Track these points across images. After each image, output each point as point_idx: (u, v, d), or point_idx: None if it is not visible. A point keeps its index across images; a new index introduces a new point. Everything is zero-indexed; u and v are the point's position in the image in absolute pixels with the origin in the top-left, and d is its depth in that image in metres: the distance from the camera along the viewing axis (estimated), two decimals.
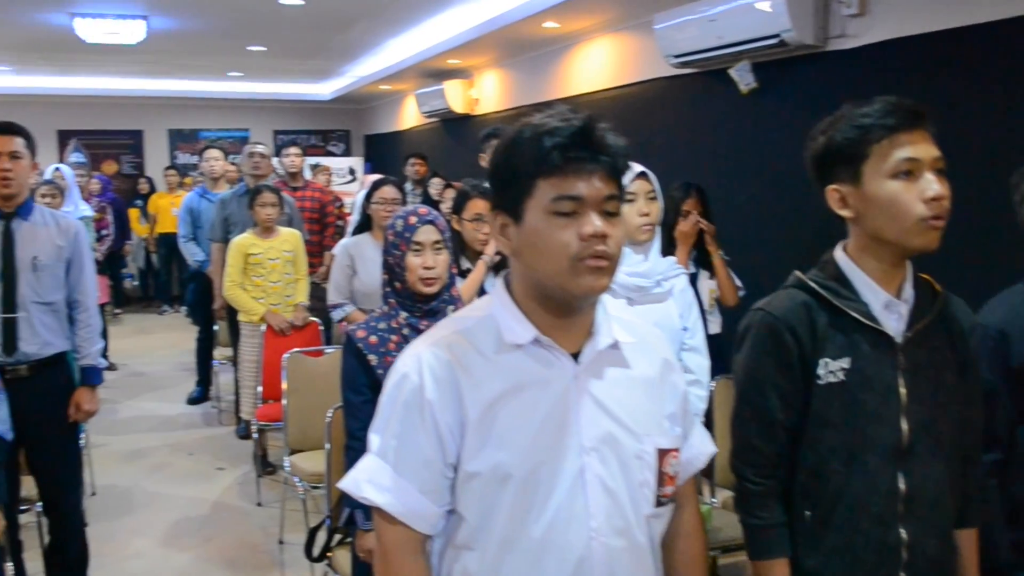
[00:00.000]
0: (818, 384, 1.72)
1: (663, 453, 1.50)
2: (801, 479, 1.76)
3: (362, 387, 2.65)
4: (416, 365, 1.45)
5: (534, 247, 1.40)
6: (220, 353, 6.85)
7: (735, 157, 5.33)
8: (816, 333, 1.73)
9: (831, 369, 1.71)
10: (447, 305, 2.73)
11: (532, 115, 1.42)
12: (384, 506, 1.45)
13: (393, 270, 2.70)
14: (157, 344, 9.65)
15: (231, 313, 5.79)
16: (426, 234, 2.69)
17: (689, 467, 1.61)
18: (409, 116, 11.65)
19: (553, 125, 1.37)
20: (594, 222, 1.36)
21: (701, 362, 2.98)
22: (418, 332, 2.65)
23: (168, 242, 10.87)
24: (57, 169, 7.00)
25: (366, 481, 1.47)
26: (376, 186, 4.68)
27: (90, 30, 7.44)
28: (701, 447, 1.64)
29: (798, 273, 1.84)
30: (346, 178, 12.01)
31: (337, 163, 12.03)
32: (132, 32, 7.57)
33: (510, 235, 1.44)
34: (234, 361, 6.02)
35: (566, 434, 1.43)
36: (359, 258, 4.55)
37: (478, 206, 3.85)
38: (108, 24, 7.33)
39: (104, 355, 8.44)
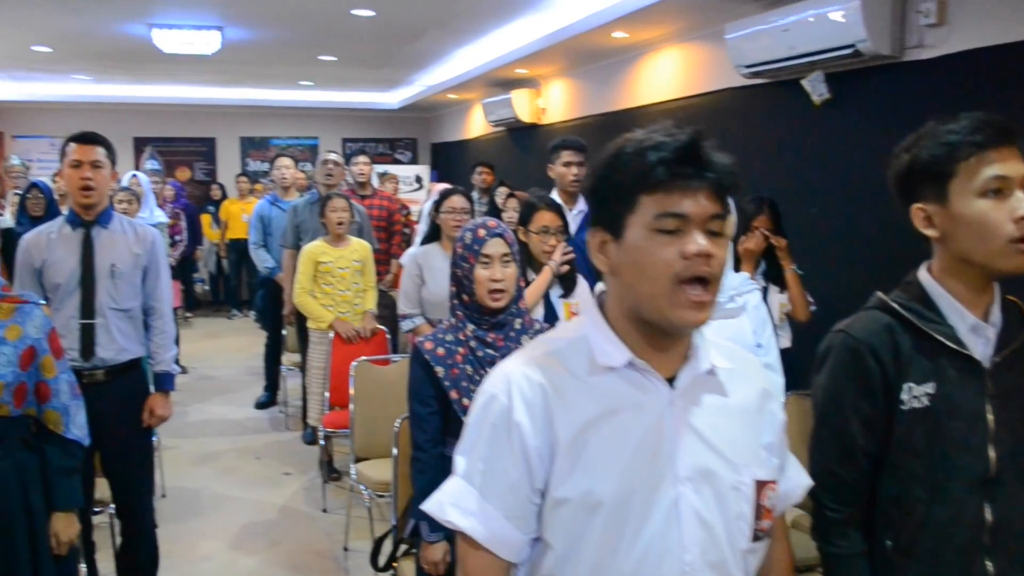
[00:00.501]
0: (901, 409, 1.67)
1: (761, 485, 1.44)
2: (882, 507, 1.71)
3: (428, 398, 2.66)
4: (505, 386, 1.41)
5: (634, 265, 1.35)
6: (288, 359, 6.93)
7: (807, 170, 5.25)
8: (900, 356, 1.68)
9: (915, 394, 1.66)
10: (515, 318, 2.73)
11: (633, 130, 1.38)
12: (468, 531, 1.41)
13: (461, 282, 2.70)
14: (226, 348, 9.82)
15: (300, 319, 5.85)
16: (495, 247, 2.68)
17: (786, 500, 1.55)
18: (476, 125, 11.71)
19: (658, 139, 1.33)
20: (698, 241, 1.31)
21: (776, 380, 2.93)
22: (485, 345, 2.66)
23: (238, 247, 11.09)
24: (134, 176, 7.16)
25: (450, 504, 1.43)
26: (445, 196, 4.70)
27: (167, 41, 7.61)
28: (797, 479, 1.58)
29: (880, 294, 1.79)
30: (413, 186, 12.09)
31: (404, 171, 12.12)
32: (208, 43, 7.72)
33: (609, 252, 1.39)
34: (302, 367, 6.10)
35: (660, 462, 1.38)
36: (427, 268, 4.57)
37: (545, 218, 3.84)
38: (185, 35, 7.49)
39: (176, 359, 8.62)
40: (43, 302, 2.71)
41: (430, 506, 1.47)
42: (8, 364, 2.50)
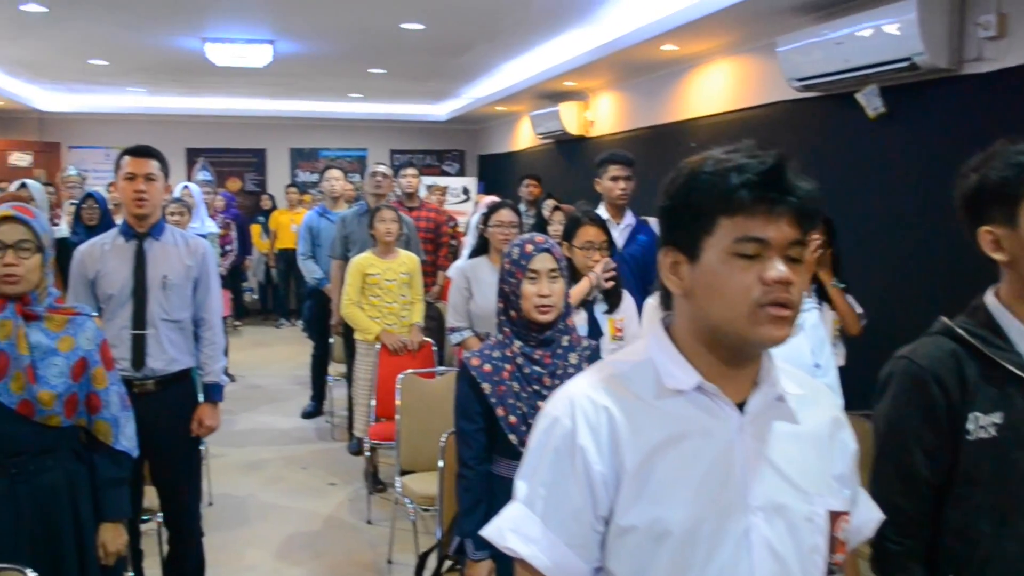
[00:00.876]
0: (967, 440, 1.62)
1: (835, 516, 1.39)
2: (946, 541, 1.66)
3: (475, 415, 2.64)
4: (568, 408, 1.38)
5: (710, 288, 1.31)
6: (334, 369, 6.96)
7: (861, 185, 5.15)
8: (965, 385, 1.62)
9: (982, 424, 1.61)
10: (562, 335, 2.70)
11: (712, 148, 1.35)
12: (529, 559, 1.37)
13: (508, 298, 2.68)
14: (274, 357, 9.90)
15: (347, 330, 5.87)
16: (542, 262, 2.66)
17: (858, 535, 1.49)
18: (523, 137, 11.71)
19: (741, 161, 1.29)
20: (778, 267, 1.27)
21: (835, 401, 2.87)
22: (532, 362, 2.63)
23: (287, 257, 11.13)
24: (185, 187, 7.24)
25: (511, 530, 1.39)
26: (493, 209, 4.70)
27: (220, 54, 7.71)
28: (869, 512, 1.52)
29: (945, 319, 1.73)
30: (460, 197, 12.12)
31: (451, 183, 12.16)
32: (259, 56, 7.81)
33: (682, 274, 1.35)
34: (348, 378, 6.11)
35: (730, 491, 1.33)
36: (475, 281, 4.56)
37: (589, 233, 3.81)
38: (237, 48, 7.59)
39: (225, 369, 8.69)
40: (95, 314, 2.73)
41: (489, 532, 1.43)
42: (60, 375, 2.52)
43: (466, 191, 12.19)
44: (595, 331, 3.74)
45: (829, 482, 1.41)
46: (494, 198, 7.04)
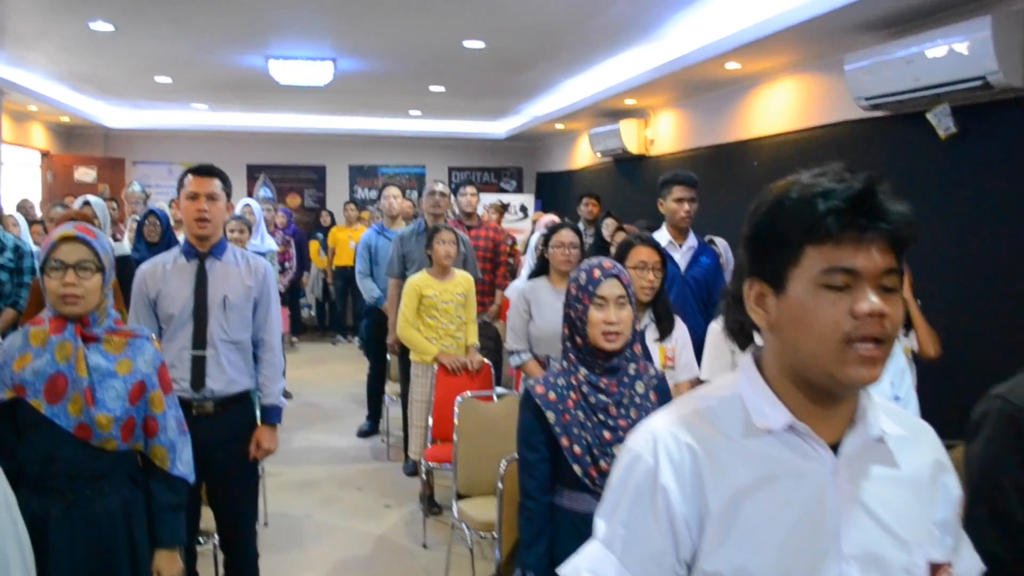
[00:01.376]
0: None
1: (935, 568, 1.30)
2: None
3: (539, 444, 2.56)
4: (651, 445, 1.31)
5: (797, 322, 1.24)
6: (391, 388, 6.93)
7: (931, 208, 4.99)
8: None
9: None
10: (629, 363, 2.61)
11: (799, 172, 1.27)
12: None
13: (574, 324, 2.61)
14: (330, 374, 9.91)
15: (403, 350, 5.83)
16: (610, 288, 2.59)
17: None
18: (582, 155, 11.64)
19: (828, 186, 1.21)
20: (870, 299, 1.19)
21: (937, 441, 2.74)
22: (598, 390, 2.55)
23: (345, 274, 11.19)
24: (246, 204, 7.28)
25: (587, 570, 1.33)
26: (554, 230, 4.63)
27: (283, 72, 7.77)
28: (972, 562, 1.41)
29: None
30: (517, 215, 12.08)
31: (509, 200, 12.12)
32: (321, 74, 7.86)
33: (767, 306, 1.28)
34: (403, 398, 6.07)
35: (823, 538, 1.25)
36: (535, 303, 4.50)
37: (642, 253, 3.74)
38: (299, 66, 7.64)
39: (283, 390, 8.69)
40: (154, 336, 2.70)
41: (566, 571, 1.36)
42: (118, 398, 2.50)
43: (524, 209, 12.15)
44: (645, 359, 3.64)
45: (930, 530, 1.31)
46: (553, 217, 6.99)
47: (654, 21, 6.23)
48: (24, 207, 9.12)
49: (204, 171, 3.47)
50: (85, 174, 11.55)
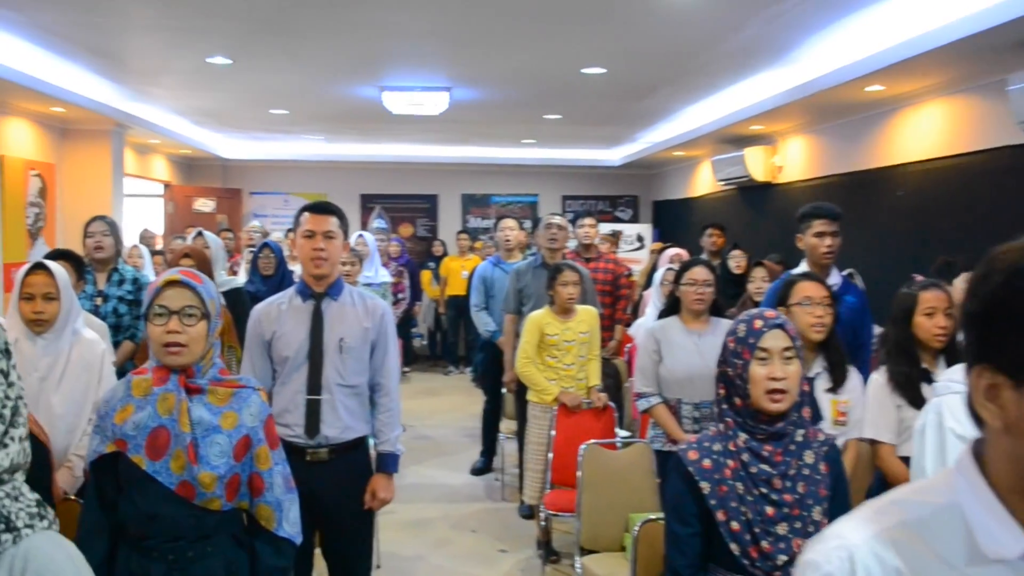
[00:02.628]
0: None
1: None
2: None
3: (690, 517, 2.24)
4: (846, 564, 1.05)
5: None
6: (506, 426, 6.67)
7: None
8: None
9: None
10: (796, 429, 2.26)
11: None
12: None
13: (733, 383, 2.28)
14: (443, 406, 9.71)
15: (520, 388, 5.56)
16: (775, 340, 2.25)
17: None
18: (702, 183, 11.24)
19: None
20: None
21: None
22: (760, 459, 2.21)
23: (457, 304, 11.04)
24: (359, 236, 7.15)
25: None
26: (686, 267, 4.31)
27: (397, 102, 7.65)
28: None
29: None
30: (634, 244, 11.74)
31: (625, 229, 11.80)
32: (436, 103, 7.71)
33: (1003, 402, 1.00)
34: (520, 438, 5.81)
35: None
36: (666, 343, 4.18)
37: (807, 288, 3.39)
38: (414, 96, 7.51)
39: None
40: (260, 386, 2.48)
41: None
42: (222, 455, 2.28)
43: (640, 238, 11.80)
44: (815, 415, 3.26)
45: None
46: (679, 251, 6.64)
47: (788, 44, 5.86)
48: (146, 237, 9.25)
49: (321, 208, 3.30)
50: (204, 204, 11.72)
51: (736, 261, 7.14)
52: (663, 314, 4.43)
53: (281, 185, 12.99)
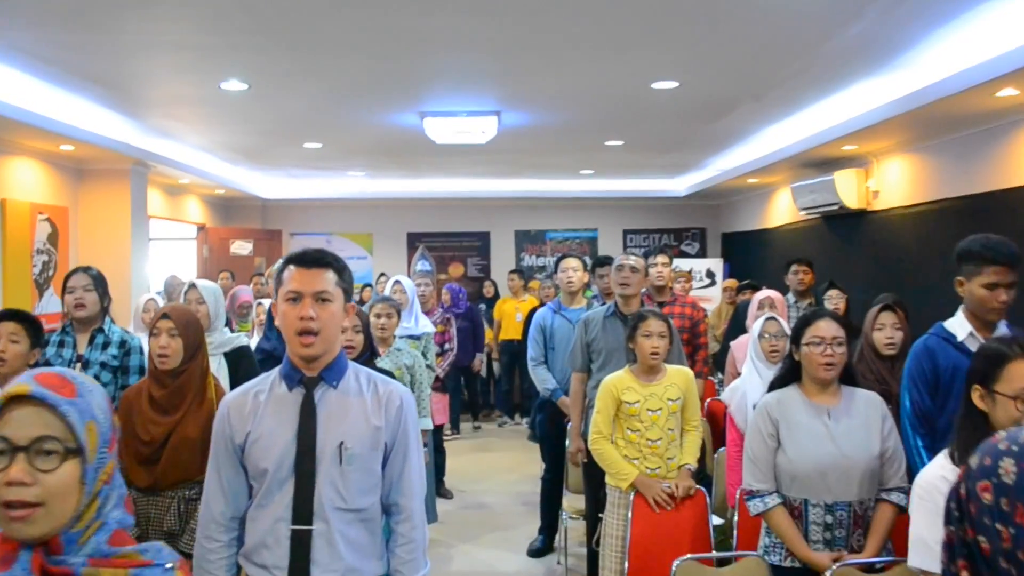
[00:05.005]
0: None
1: None
2: None
3: None
4: None
5: None
6: (570, 503, 5.69)
7: None
8: None
9: None
10: None
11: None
12: None
13: (993, 565, 1.29)
14: (497, 465, 8.74)
15: (590, 459, 4.60)
16: None
17: None
18: (778, 212, 10.19)
19: None
20: None
21: None
22: None
23: (511, 349, 10.26)
24: (396, 282, 6.27)
25: None
26: (807, 320, 3.32)
27: (440, 130, 6.79)
28: None
29: None
30: (704, 282, 10.72)
31: (694, 265, 10.80)
32: (483, 130, 6.82)
33: None
34: (589, 522, 4.86)
35: None
36: (786, 424, 3.23)
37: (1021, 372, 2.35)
38: (458, 123, 6.62)
39: (441, 479, 7.70)
40: (177, 563, 1.50)
41: None
42: None
43: (711, 274, 10.79)
44: None
45: None
46: (771, 293, 5.64)
47: (904, 42, 4.88)
48: (173, 285, 8.46)
49: (311, 260, 2.36)
50: (241, 247, 10.99)
51: (834, 303, 6.12)
52: (777, 383, 3.45)
53: (323, 225, 12.25)
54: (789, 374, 3.41)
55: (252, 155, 8.79)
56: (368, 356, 4.50)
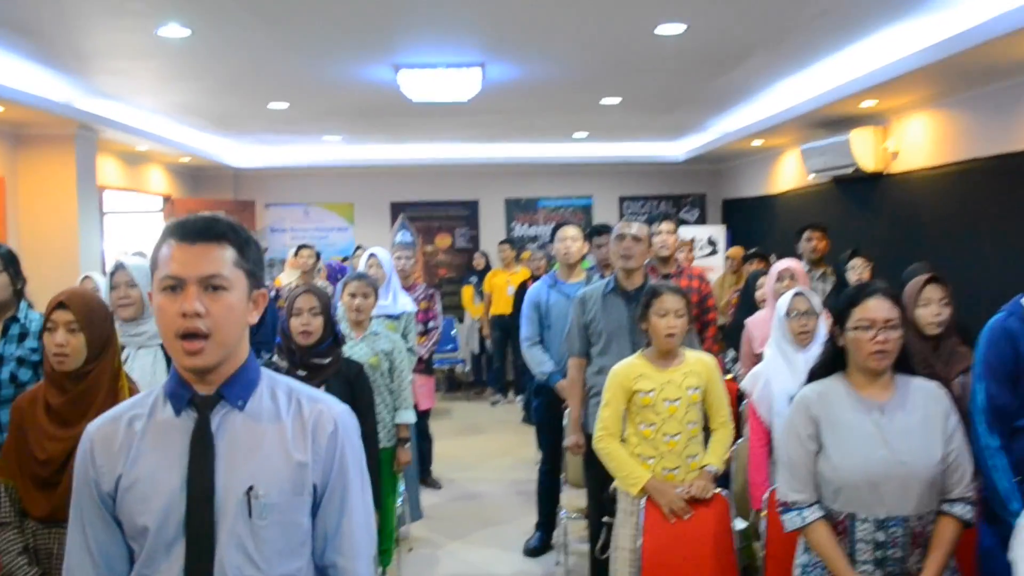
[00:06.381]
0: None
1: None
2: None
3: None
4: None
5: None
6: (569, 502, 5.13)
7: None
8: None
9: None
10: None
11: None
12: None
13: None
14: (489, 449, 8.18)
15: (591, 452, 4.03)
16: None
17: None
18: (785, 176, 9.58)
19: None
20: None
21: None
22: None
23: (502, 324, 9.71)
24: (371, 256, 5.65)
25: None
26: (855, 298, 2.74)
27: (417, 86, 6.13)
28: None
29: None
30: (706, 250, 10.13)
31: (696, 233, 10.20)
32: (465, 84, 6.17)
33: None
34: (592, 522, 4.31)
35: None
36: (829, 424, 2.74)
37: None
38: (437, 76, 5.96)
39: (428, 468, 7.14)
40: None
41: None
42: None
43: (713, 242, 10.19)
44: None
45: None
46: (791, 264, 5.03)
47: None
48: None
49: (194, 231, 1.69)
50: None
51: (858, 273, 5.54)
52: (818, 371, 2.87)
53: (300, 195, 11.58)
54: (831, 362, 2.84)
55: (214, 119, 8.11)
56: (330, 343, 3.92)
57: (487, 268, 10.70)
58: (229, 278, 1.68)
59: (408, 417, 4.76)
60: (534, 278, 7.42)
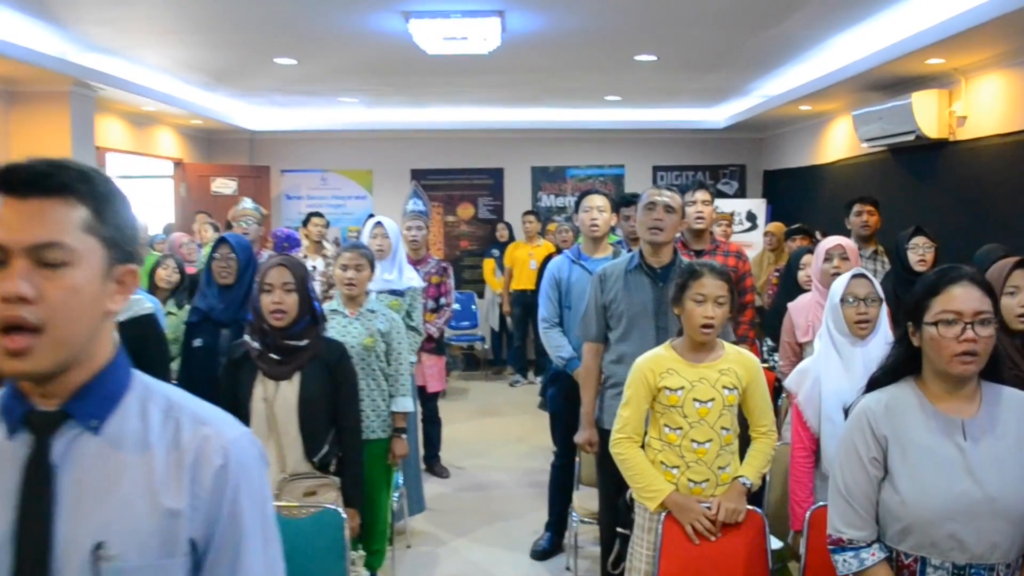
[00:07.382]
0: None
1: None
2: None
3: None
4: None
5: None
6: (581, 504, 4.59)
7: None
8: None
9: None
10: None
11: None
12: None
13: None
14: (504, 434, 7.66)
15: (604, 449, 3.48)
16: None
17: None
18: (834, 146, 8.87)
19: None
20: None
21: None
22: None
23: (524, 300, 9.26)
24: (379, 224, 5.12)
25: None
26: (934, 287, 2.15)
27: (430, 36, 5.54)
28: None
29: None
30: (744, 225, 9.48)
31: (735, 206, 9.55)
32: (484, 36, 5.57)
33: None
34: (603, 523, 3.82)
35: None
36: (899, 444, 2.26)
37: None
38: (452, 25, 5.36)
39: (436, 455, 6.64)
40: None
41: None
42: None
43: (752, 216, 9.54)
44: None
45: None
46: (841, 240, 4.42)
47: None
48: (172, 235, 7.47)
49: (23, 181, 1.16)
50: (224, 185, 9.82)
51: (919, 254, 4.90)
52: (884, 376, 2.28)
53: (318, 161, 11.02)
54: (902, 365, 2.26)
55: (221, 76, 7.55)
56: (308, 322, 3.38)
57: (510, 240, 10.15)
58: (74, 248, 1.18)
59: (405, 405, 4.24)
60: (559, 251, 6.86)
